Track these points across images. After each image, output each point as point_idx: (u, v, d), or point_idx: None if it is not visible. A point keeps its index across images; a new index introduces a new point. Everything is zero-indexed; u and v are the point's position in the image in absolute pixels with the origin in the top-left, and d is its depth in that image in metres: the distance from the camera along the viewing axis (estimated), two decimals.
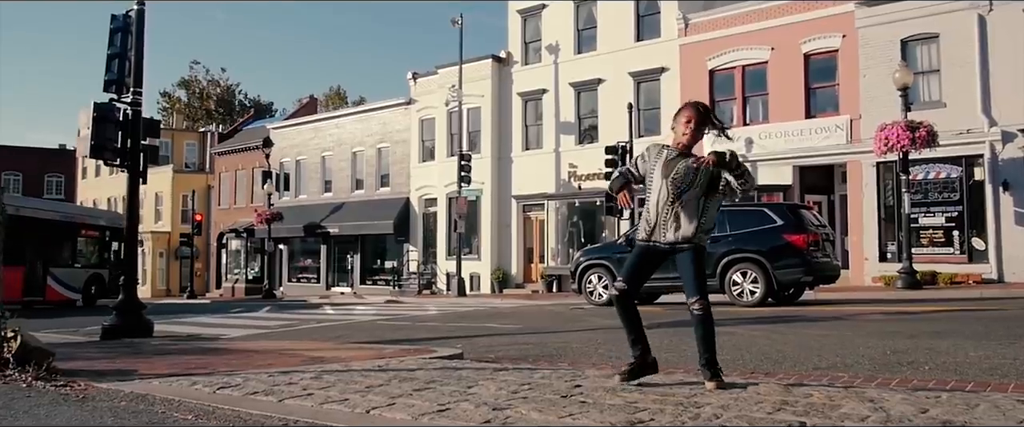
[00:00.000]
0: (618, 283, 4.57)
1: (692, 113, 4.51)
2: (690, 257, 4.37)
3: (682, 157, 4.50)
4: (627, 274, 4.54)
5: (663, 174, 4.45)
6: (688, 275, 4.38)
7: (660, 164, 4.51)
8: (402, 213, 31.57)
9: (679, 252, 4.39)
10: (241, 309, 19.40)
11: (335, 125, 35.98)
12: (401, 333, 10.00)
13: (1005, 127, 18.54)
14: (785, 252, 12.89)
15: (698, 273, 4.39)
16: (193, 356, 6.67)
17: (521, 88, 28.31)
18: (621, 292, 4.51)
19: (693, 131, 4.49)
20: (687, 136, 4.48)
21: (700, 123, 4.50)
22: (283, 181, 35.11)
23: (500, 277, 27.80)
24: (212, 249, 42.95)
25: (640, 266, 4.53)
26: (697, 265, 4.38)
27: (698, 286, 4.35)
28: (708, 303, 4.36)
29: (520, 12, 28.67)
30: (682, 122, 4.53)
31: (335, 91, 64.30)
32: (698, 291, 4.32)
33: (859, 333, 7.66)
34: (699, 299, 4.31)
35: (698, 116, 4.51)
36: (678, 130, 4.54)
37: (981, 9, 19.09)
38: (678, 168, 4.44)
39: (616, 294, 4.57)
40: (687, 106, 4.60)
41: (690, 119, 4.49)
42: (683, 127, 4.50)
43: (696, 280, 4.37)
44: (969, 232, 19.02)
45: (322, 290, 34.23)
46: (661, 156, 4.56)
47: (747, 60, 22.82)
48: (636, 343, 4.52)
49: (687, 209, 4.39)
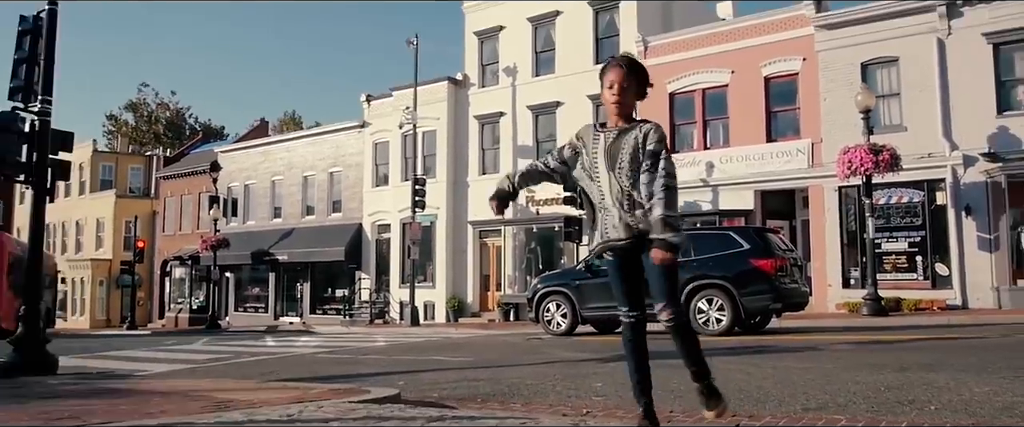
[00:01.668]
0: (626, 312, 3.64)
1: (616, 73, 3.57)
2: (663, 271, 3.51)
3: (623, 134, 3.56)
4: (626, 298, 3.63)
5: (608, 165, 3.56)
6: (657, 279, 3.50)
7: (602, 152, 3.60)
8: (354, 239, 30.48)
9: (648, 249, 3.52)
10: (176, 341, 18.17)
11: (286, 148, 34.85)
12: (340, 368, 9.06)
13: (966, 151, 18.35)
14: (752, 278, 12.27)
15: (670, 272, 3.50)
16: (79, 400, 5.69)
17: (478, 111, 27.64)
18: (634, 320, 3.61)
19: (621, 94, 3.55)
20: (617, 105, 3.56)
21: (629, 81, 3.56)
22: (231, 206, 33.83)
23: (455, 306, 26.85)
24: (155, 277, 41.19)
25: (630, 281, 3.62)
26: (671, 267, 3.51)
27: (669, 290, 3.49)
28: (681, 310, 3.52)
29: (477, 34, 28.09)
30: (606, 89, 3.58)
31: (290, 116, 63.08)
32: (667, 296, 3.47)
33: (842, 366, 6.97)
34: (667, 307, 3.46)
35: (624, 73, 3.56)
36: (607, 100, 3.60)
37: (940, 33, 18.99)
38: (622, 152, 3.52)
39: (629, 324, 3.64)
40: (609, 65, 3.63)
41: (614, 82, 3.56)
42: (610, 95, 3.57)
43: (667, 283, 3.50)
44: (932, 257, 18.72)
45: (270, 320, 32.85)
46: (599, 141, 3.62)
47: (707, 83, 22.47)
48: (643, 390, 3.60)
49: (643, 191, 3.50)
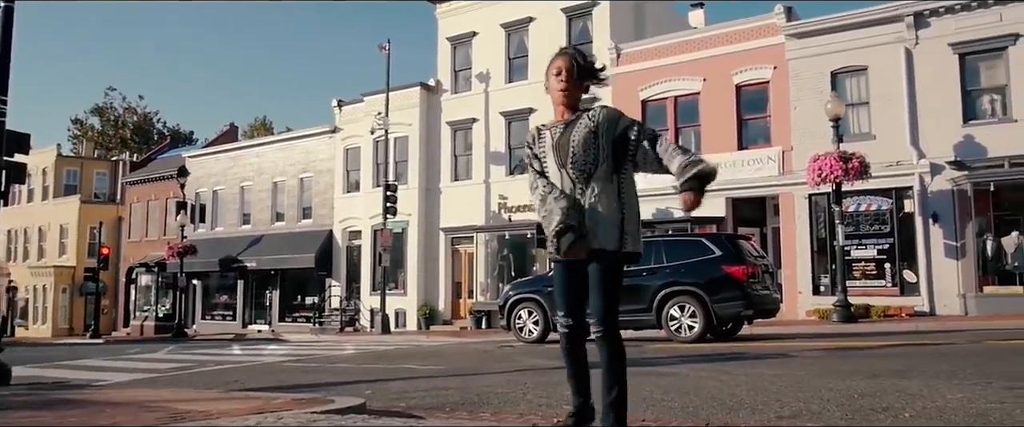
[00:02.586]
0: (562, 320, 3.47)
1: (563, 61, 3.42)
2: (601, 269, 3.30)
3: (571, 125, 3.38)
4: (566, 306, 3.45)
5: (558, 162, 3.36)
6: (595, 289, 3.30)
7: (550, 149, 3.41)
8: (325, 246, 30.11)
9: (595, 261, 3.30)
10: (140, 350, 17.75)
11: (256, 154, 34.38)
12: (306, 377, 8.84)
13: (933, 160, 18.58)
14: (724, 284, 12.23)
15: (609, 289, 3.29)
16: (29, 412, 5.45)
17: (450, 117, 27.48)
18: (570, 330, 3.42)
19: (569, 81, 3.37)
20: (565, 92, 3.39)
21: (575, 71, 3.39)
22: (198, 212, 33.30)
23: (427, 313, 26.61)
24: (121, 285, 40.37)
25: (573, 289, 3.40)
26: (610, 279, 3.30)
27: (605, 306, 3.27)
28: (615, 330, 3.31)
29: (450, 39, 27.95)
30: (553, 77, 3.42)
31: (261, 122, 62.32)
32: (602, 312, 3.27)
33: (814, 372, 6.92)
34: (599, 324, 3.29)
35: (570, 61, 3.40)
36: (554, 88, 3.43)
37: (907, 43, 19.23)
38: (574, 141, 3.32)
39: (564, 334, 3.46)
40: (556, 55, 3.49)
41: (561, 68, 3.39)
42: (557, 82, 3.40)
43: (604, 297, 3.28)
44: (900, 264, 18.90)
45: (238, 328, 32.33)
46: (546, 139, 3.44)
47: (679, 91, 22.55)
48: (580, 392, 3.48)
49: (602, 199, 3.27)
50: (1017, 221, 17.69)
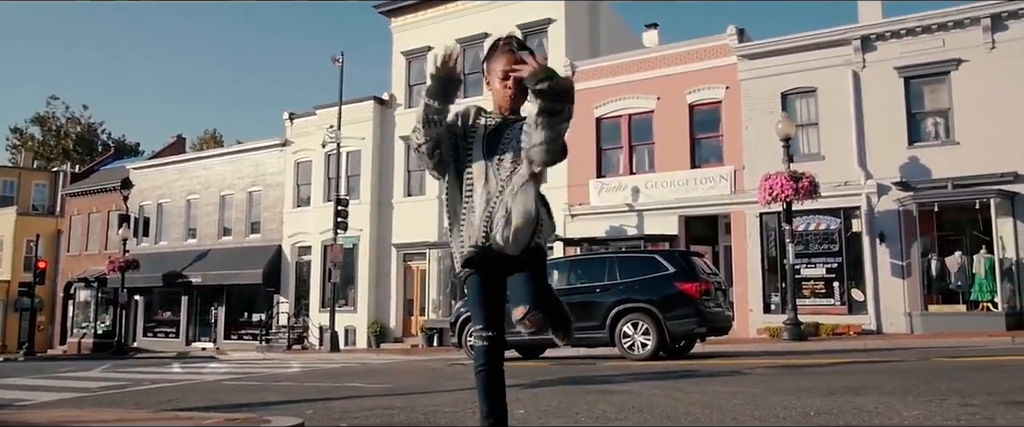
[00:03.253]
0: (481, 332, 3.06)
1: (508, 59, 3.01)
2: (527, 275, 3.06)
3: (507, 126, 3.05)
4: (486, 317, 3.07)
5: (486, 153, 3.02)
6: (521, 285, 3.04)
7: (479, 137, 3.06)
8: (273, 262, 29.44)
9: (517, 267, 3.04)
10: (74, 368, 16.97)
11: (203, 166, 33.55)
12: (246, 396, 8.44)
13: (880, 180, 18.92)
14: (677, 302, 12.17)
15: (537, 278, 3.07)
16: None
17: (404, 131, 27.09)
18: (490, 342, 3.04)
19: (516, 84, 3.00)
20: (512, 99, 3.05)
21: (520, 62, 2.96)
22: (142, 226, 32.36)
23: (377, 331, 26.13)
24: (58, 300, 38.89)
25: (492, 297, 3.10)
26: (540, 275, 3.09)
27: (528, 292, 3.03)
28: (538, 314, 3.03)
29: (405, 53, 27.74)
30: (498, 79, 3.06)
31: (211, 135, 61.00)
32: (527, 299, 3.01)
33: (769, 390, 6.81)
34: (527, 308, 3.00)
35: (516, 59, 2.99)
36: (498, 91, 3.07)
37: (855, 66, 19.62)
38: (505, 142, 3.01)
39: (484, 346, 3.04)
40: (497, 49, 3.09)
41: (507, 71, 3.01)
42: (502, 87, 3.05)
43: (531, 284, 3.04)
44: (849, 283, 19.15)
45: (181, 345, 31.35)
46: (479, 127, 3.08)
47: (633, 109, 22.65)
48: (491, 414, 3.03)
49: (518, 201, 2.97)
50: (960, 241, 18.08)
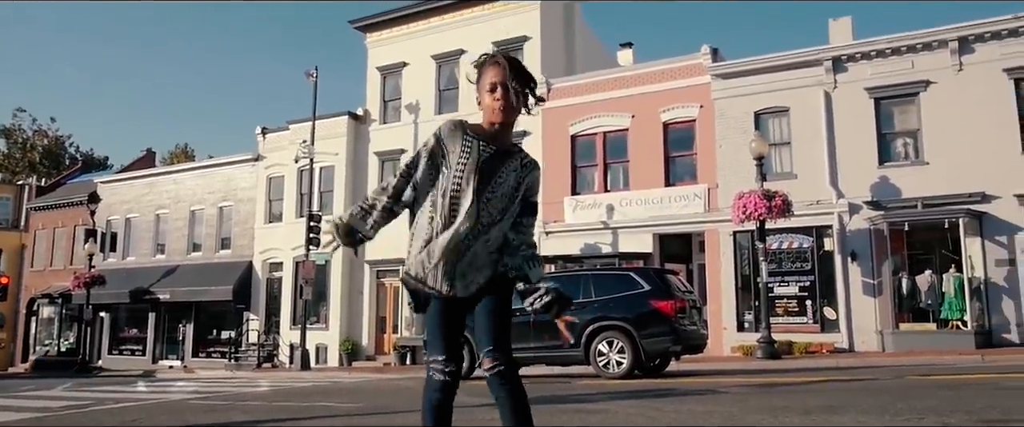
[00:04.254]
0: (443, 365, 2.85)
1: (498, 72, 2.92)
2: (495, 302, 2.92)
3: (503, 158, 2.95)
4: (445, 349, 2.87)
5: (476, 185, 2.88)
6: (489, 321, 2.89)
7: (470, 165, 2.91)
8: (243, 278, 28.99)
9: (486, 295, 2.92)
10: (35, 386, 16.47)
11: (173, 181, 33.06)
12: (211, 416, 8.22)
13: (851, 199, 19.10)
14: (652, 319, 12.10)
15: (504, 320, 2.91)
16: None
17: (378, 147, 27.02)
18: (452, 378, 2.84)
19: (506, 98, 2.90)
20: (504, 112, 2.92)
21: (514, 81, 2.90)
22: (109, 241, 31.77)
23: (349, 349, 25.79)
24: (20, 317, 37.95)
25: (452, 329, 2.92)
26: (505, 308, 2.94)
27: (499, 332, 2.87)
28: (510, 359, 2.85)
29: (380, 69, 27.62)
30: (487, 93, 2.94)
31: (182, 149, 60.24)
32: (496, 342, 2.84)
33: (745, 409, 6.75)
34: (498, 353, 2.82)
35: (507, 72, 2.90)
36: (489, 106, 2.95)
37: (826, 86, 19.85)
38: (499, 176, 2.91)
39: (442, 381, 2.84)
40: (487, 63, 3.01)
41: (496, 83, 2.91)
42: (493, 101, 2.92)
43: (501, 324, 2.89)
44: (821, 301, 19.25)
45: (148, 363, 30.70)
46: (471, 153, 2.92)
47: (608, 127, 22.71)
48: None
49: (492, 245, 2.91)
50: (930, 260, 18.26)
